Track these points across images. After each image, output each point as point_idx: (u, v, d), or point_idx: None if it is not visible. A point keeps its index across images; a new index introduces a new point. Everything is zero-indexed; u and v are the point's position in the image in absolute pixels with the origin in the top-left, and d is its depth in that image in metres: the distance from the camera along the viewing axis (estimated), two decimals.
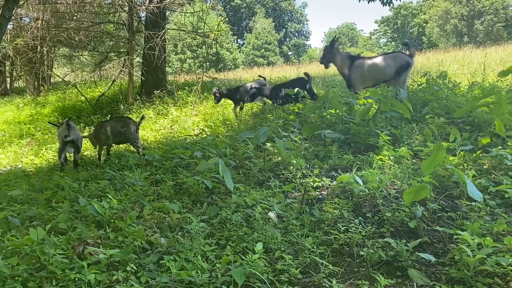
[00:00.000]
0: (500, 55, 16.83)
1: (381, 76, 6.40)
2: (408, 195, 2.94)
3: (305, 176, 4.26)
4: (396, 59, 6.29)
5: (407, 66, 6.24)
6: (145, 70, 11.19)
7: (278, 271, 2.71)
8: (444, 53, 19.36)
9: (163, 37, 10.39)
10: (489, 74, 8.94)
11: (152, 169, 5.07)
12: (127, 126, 6.25)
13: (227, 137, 6.06)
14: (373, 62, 6.46)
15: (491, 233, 2.81)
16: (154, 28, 10.83)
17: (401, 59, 6.27)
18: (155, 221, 3.68)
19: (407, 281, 2.52)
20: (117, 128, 6.27)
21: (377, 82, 6.55)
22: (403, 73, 6.23)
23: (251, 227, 3.30)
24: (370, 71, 6.42)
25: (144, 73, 11.19)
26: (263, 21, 59.18)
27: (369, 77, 6.48)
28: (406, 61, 6.24)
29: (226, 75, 14.43)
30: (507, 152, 3.71)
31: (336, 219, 3.31)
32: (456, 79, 8.58)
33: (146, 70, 11.11)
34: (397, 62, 6.24)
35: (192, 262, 2.77)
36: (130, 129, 6.25)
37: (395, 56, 6.38)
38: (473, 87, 6.73)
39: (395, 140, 4.83)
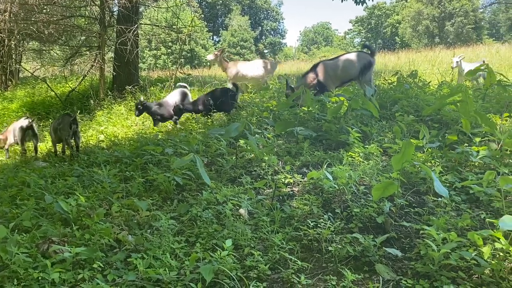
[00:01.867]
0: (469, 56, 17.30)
1: (346, 75, 6.51)
2: (376, 191, 2.98)
3: (277, 173, 4.26)
4: (359, 58, 6.42)
5: (370, 64, 6.39)
6: (117, 65, 10.98)
7: (247, 267, 2.69)
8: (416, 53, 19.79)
9: (135, 32, 10.22)
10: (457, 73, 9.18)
11: (122, 166, 4.98)
12: (63, 123, 6.32)
13: (199, 133, 6.01)
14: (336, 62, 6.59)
15: (456, 228, 2.87)
16: (126, 22, 10.63)
17: (363, 58, 6.41)
18: (124, 218, 3.62)
19: (374, 276, 2.55)
20: (54, 125, 6.48)
21: (343, 81, 6.67)
22: (367, 71, 6.37)
23: (222, 224, 3.27)
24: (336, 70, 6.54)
25: (116, 68, 10.98)
26: (239, 18, 59.09)
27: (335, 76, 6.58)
28: (368, 60, 6.39)
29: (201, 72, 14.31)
30: (472, 149, 3.81)
31: (306, 215, 3.32)
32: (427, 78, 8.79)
33: (118, 65, 10.90)
34: (360, 61, 6.38)
35: (160, 260, 2.73)
36: (65, 126, 6.26)
37: (357, 55, 6.51)
38: (442, 86, 6.89)
39: (365, 137, 4.90)
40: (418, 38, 50.27)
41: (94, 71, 12.03)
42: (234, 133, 4.31)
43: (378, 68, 14.96)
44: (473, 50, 20.79)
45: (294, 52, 68.31)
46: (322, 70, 6.47)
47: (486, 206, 3.26)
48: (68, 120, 6.29)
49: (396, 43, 55.52)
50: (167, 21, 11.34)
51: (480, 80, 8.80)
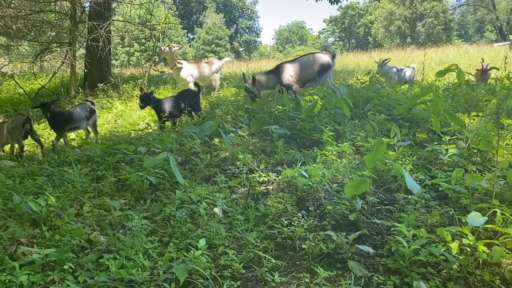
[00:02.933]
0: (439, 56, 17.76)
1: (305, 75, 6.62)
2: (349, 188, 3.01)
3: (251, 171, 4.26)
4: (317, 60, 6.57)
5: (328, 66, 6.57)
6: (88, 62, 10.74)
7: (221, 266, 2.69)
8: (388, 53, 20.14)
9: (107, 28, 10.02)
10: (428, 73, 9.40)
11: (94, 165, 4.87)
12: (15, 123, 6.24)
13: (173, 131, 5.95)
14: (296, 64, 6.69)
15: (426, 224, 2.95)
16: (98, 19, 10.40)
17: (322, 60, 6.56)
18: (95, 218, 3.54)
19: (346, 272, 2.58)
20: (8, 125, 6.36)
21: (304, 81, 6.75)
22: (324, 73, 6.57)
23: (196, 223, 3.25)
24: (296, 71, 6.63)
25: (88, 65, 10.74)
26: (214, 16, 58.77)
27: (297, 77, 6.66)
28: (327, 61, 6.55)
29: None
30: (441, 148, 3.91)
31: (280, 213, 3.33)
32: None
33: (90, 62, 10.66)
34: (319, 63, 6.52)
35: (133, 260, 2.69)
36: (17, 126, 6.18)
37: (316, 57, 6.65)
38: (413, 85, 7.04)
39: (338, 135, 4.96)
40: (391, 38, 51.20)
41: (65, 68, 11.71)
42: (208, 131, 4.28)
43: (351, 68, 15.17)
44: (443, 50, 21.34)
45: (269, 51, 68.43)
46: (283, 71, 6.52)
47: (455, 203, 3.36)
48: (21, 120, 6.16)
49: (369, 43, 56.42)
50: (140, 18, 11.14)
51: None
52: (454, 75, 5.71)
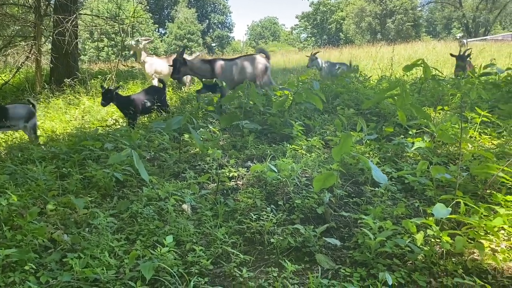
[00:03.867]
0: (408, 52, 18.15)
1: (243, 76, 6.50)
2: (317, 182, 3.02)
3: (221, 167, 4.23)
4: (254, 62, 6.52)
5: (266, 68, 6.55)
6: (54, 57, 10.42)
7: (189, 263, 2.65)
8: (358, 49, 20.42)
9: (74, 22, 9.74)
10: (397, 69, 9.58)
11: (59, 163, 4.73)
12: None
13: (142, 127, 5.84)
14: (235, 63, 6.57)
15: (392, 216, 2.99)
16: (64, 12, 10.10)
17: (258, 62, 6.53)
18: (60, 217, 3.44)
19: (314, 266, 2.59)
20: None
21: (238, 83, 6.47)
22: (264, 75, 6.54)
23: (163, 220, 3.20)
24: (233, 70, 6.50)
25: (54, 60, 10.42)
26: (186, 10, 58.13)
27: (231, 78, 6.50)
28: (264, 64, 6.54)
29: None
30: (408, 141, 3.98)
31: (249, 208, 3.32)
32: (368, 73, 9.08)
33: (56, 57, 10.35)
34: (255, 65, 6.48)
35: (98, 259, 2.62)
36: None
37: (253, 59, 6.60)
38: (382, 80, 7.15)
39: (308, 130, 4.98)
40: (361, 34, 51.97)
41: (29, 62, 11.33)
42: (176, 126, 4.22)
43: None
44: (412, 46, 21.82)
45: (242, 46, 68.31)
46: (220, 68, 6.37)
47: (420, 195, 3.42)
48: None
49: (340, 39, 57.07)
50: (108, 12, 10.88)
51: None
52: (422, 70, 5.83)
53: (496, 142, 4.38)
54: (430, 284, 2.39)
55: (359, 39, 50.34)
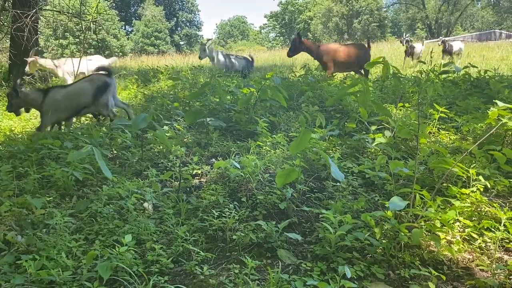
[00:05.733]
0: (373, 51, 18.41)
1: (76, 103, 5.72)
2: (279, 178, 3.02)
3: (185, 164, 4.18)
4: (92, 82, 5.82)
5: (106, 86, 5.80)
6: (13, 53, 10.02)
7: (149, 262, 2.60)
8: None
9: (33, 17, 9.39)
10: None
11: (16, 162, 4.55)
12: None
13: (104, 125, 5.70)
14: (68, 90, 5.77)
15: (352, 210, 3.03)
16: (23, 7, 9.72)
17: (97, 80, 5.82)
18: (15, 218, 3.30)
19: (276, 261, 2.59)
20: None
21: (75, 110, 5.81)
22: (102, 94, 5.76)
23: (124, 219, 3.13)
24: (66, 99, 5.66)
25: (12, 57, 10.03)
26: (153, 8, 57.23)
27: (65, 106, 5.70)
28: (103, 81, 5.80)
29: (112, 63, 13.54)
30: (369, 137, 4.05)
31: (212, 205, 3.29)
32: None
33: (15, 54, 9.96)
34: (94, 84, 5.76)
35: (55, 260, 2.54)
36: None
37: (90, 79, 5.91)
38: (346, 78, 7.26)
39: (273, 127, 5.00)
40: (329, 34, 52.66)
41: None
42: (141, 124, 4.13)
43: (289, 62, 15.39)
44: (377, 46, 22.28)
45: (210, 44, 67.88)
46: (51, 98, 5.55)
47: (380, 189, 3.49)
48: None
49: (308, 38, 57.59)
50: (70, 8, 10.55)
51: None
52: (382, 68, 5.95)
53: (454, 137, 4.52)
54: (389, 276, 2.44)
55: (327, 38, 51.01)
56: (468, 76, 6.66)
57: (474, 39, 31.55)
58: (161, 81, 9.19)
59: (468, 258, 2.60)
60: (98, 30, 10.95)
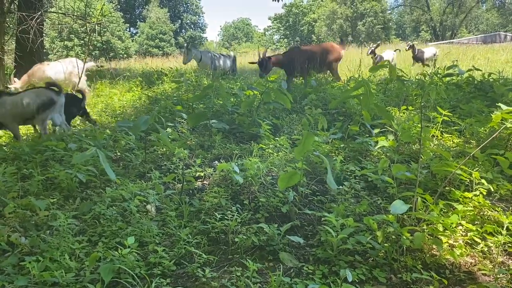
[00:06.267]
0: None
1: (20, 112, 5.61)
2: (282, 181, 3.02)
3: (188, 167, 4.19)
4: (39, 95, 5.70)
5: (51, 102, 5.68)
6: (18, 55, 10.09)
7: (151, 264, 2.61)
8: None
9: (39, 20, 9.46)
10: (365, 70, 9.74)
11: (20, 164, 4.58)
12: None
13: (108, 128, 5.73)
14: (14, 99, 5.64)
15: (354, 214, 3.03)
16: (28, 9, 9.79)
17: (43, 95, 5.70)
18: (19, 219, 3.33)
19: (278, 264, 2.59)
20: None
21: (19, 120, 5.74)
22: (46, 110, 5.65)
23: (127, 221, 3.14)
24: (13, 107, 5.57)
25: (18, 59, 10.09)
26: (158, 10, 57.43)
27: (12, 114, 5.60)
28: (49, 97, 5.69)
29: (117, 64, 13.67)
30: (371, 140, 4.04)
31: (215, 208, 3.30)
32: None
33: (20, 55, 10.03)
34: (40, 98, 5.66)
35: (58, 262, 2.55)
36: None
37: (38, 92, 5.79)
38: (350, 81, 7.25)
39: (276, 129, 5.00)
40: (333, 36, 52.63)
41: None
42: (143, 126, 4.15)
43: None
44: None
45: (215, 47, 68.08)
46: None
47: (383, 192, 3.49)
48: None
49: (312, 40, 57.60)
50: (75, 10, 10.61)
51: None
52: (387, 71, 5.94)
53: (457, 141, 4.51)
54: (391, 280, 2.44)
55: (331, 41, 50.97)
56: (472, 79, 6.64)
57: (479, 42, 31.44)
58: (165, 83, 9.22)
59: (471, 262, 2.59)
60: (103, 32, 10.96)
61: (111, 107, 7.59)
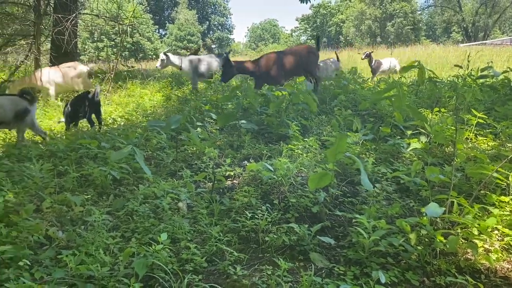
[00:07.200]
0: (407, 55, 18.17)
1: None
2: (312, 181, 3.03)
3: (217, 166, 4.24)
4: (14, 103, 5.83)
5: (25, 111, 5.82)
6: (54, 56, 10.43)
7: (183, 260, 2.66)
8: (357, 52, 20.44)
9: (73, 21, 9.76)
10: None
11: (56, 161, 4.73)
12: None
13: (141, 127, 5.85)
14: None
15: (386, 216, 3.00)
16: (64, 11, 10.12)
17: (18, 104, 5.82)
18: (56, 214, 3.44)
19: (308, 264, 2.60)
20: None
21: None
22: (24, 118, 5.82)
23: (159, 218, 3.20)
24: None
25: (53, 59, 10.43)
26: (186, 12, 58.16)
27: None
28: (23, 106, 5.82)
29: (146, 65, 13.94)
30: (404, 141, 3.99)
31: (245, 206, 3.32)
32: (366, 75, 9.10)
33: (55, 56, 10.37)
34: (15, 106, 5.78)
35: (93, 256, 2.62)
36: None
37: (13, 100, 5.90)
38: (380, 82, 7.17)
39: (305, 130, 5.00)
40: (361, 37, 52.03)
41: (28, 61, 11.33)
42: (174, 125, 4.23)
43: None
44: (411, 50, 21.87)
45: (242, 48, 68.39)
46: None
47: (415, 195, 3.43)
48: None
49: (340, 41, 57.09)
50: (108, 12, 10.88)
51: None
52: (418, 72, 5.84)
53: (492, 143, 4.40)
54: (423, 283, 2.40)
55: (359, 41, 50.39)
56: (508, 81, 6.44)
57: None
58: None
59: (507, 268, 2.53)
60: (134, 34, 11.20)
61: (142, 107, 7.74)
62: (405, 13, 50.20)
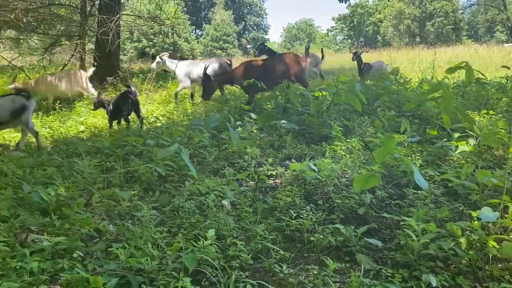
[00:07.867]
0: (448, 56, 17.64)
1: None
2: (358, 182, 3.00)
3: (259, 165, 4.27)
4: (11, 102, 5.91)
5: (22, 108, 5.92)
6: (98, 55, 10.79)
7: (229, 257, 2.70)
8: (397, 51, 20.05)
9: (117, 22, 10.06)
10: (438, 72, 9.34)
11: (103, 157, 4.90)
12: None
13: (182, 125, 5.97)
14: None
15: (435, 219, 2.94)
16: (108, 12, 10.45)
17: (16, 102, 5.92)
18: (104, 208, 3.57)
19: (355, 265, 2.58)
20: None
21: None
22: (21, 115, 5.91)
23: (204, 215, 3.26)
24: None
25: (97, 59, 10.79)
26: (223, 12, 58.67)
27: None
28: (21, 103, 5.93)
29: None
30: (451, 144, 3.89)
31: (288, 206, 3.33)
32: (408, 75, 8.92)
33: (99, 56, 10.72)
34: (12, 105, 5.87)
35: (142, 250, 2.71)
36: None
37: (10, 99, 5.99)
38: (422, 83, 7.00)
39: (347, 131, 4.95)
40: (399, 37, 50.90)
41: (74, 61, 11.76)
42: (214, 124, 4.29)
43: None
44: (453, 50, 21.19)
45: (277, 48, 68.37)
46: None
47: (464, 198, 3.34)
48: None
49: (377, 41, 56.05)
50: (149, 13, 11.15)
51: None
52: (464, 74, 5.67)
53: None
54: None
55: (397, 41, 49.31)
56: None
57: None
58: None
59: None
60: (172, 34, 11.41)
61: (183, 106, 7.89)
62: (446, 12, 48.68)
